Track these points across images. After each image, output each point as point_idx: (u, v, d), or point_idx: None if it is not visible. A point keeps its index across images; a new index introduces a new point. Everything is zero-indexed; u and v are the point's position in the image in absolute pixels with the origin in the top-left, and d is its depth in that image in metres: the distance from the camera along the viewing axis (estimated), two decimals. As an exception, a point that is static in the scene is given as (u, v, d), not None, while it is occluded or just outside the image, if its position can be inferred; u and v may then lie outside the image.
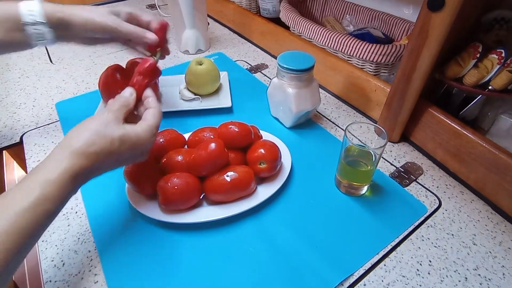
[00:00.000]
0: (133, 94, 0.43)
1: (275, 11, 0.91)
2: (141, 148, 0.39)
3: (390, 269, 0.43)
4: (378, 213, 0.49)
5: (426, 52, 0.48)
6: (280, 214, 0.48)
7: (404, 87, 0.53)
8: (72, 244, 0.45)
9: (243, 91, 0.73)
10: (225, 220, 0.46)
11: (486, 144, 0.48)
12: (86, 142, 0.35)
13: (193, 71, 0.66)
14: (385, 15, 0.78)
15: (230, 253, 0.43)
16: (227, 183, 0.46)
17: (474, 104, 0.57)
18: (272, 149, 0.50)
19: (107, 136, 0.36)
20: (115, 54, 0.88)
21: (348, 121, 0.67)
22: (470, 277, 0.42)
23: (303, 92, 0.58)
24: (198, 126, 0.55)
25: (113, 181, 0.52)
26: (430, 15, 0.45)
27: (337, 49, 0.69)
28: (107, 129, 0.36)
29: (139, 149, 0.39)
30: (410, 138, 0.61)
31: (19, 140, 0.61)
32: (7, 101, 0.71)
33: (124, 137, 0.37)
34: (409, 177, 0.55)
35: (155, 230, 0.46)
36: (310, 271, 0.42)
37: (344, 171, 0.50)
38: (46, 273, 0.41)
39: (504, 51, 0.50)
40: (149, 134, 0.40)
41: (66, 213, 0.48)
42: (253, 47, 0.93)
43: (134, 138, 0.38)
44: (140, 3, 1.20)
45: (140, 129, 0.39)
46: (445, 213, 0.50)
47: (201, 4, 0.82)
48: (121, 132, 0.37)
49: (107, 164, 0.38)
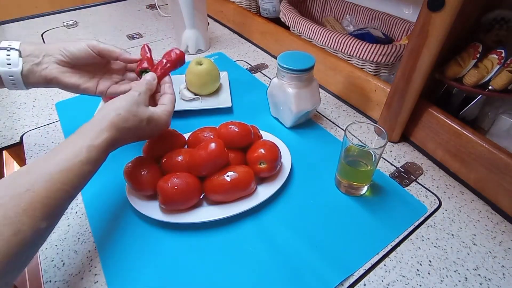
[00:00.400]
0: (155, 79, 0.48)
1: (275, 11, 0.91)
2: (159, 127, 0.45)
3: (390, 269, 0.43)
4: (378, 213, 0.49)
5: (426, 52, 0.48)
6: (280, 214, 0.48)
7: (404, 87, 0.53)
8: (72, 244, 0.45)
9: (243, 91, 0.73)
10: (225, 220, 0.46)
11: (486, 144, 0.48)
12: (123, 117, 0.40)
13: (193, 71, 0.66)
14: (385, 15, 0.78)
15: (230, 253, 0.43)
16: (227, 183, 0.46)
17: (474, 104, 0.57)
18: (272, 149, 0.50)
19: (138, 116, 0.42)
20: (115, 54, 0.88)
21: (348, 121, 0.67)
22: (470, 277, 0.42)
23: (303, 92, 0.58)
24: (198, 126, 0.55)
25: (113, 181, 0.52)
26: (430, 15, 0.45)
27: (337, 49, 0.69)
28: (139, 110, 0.42)
29: (157, 128, 0.45)
30: (410, 138, 0.61)
31: (19, 140, 0.61)
32: (7, 101, 0.71)
33: (150, 118, 0.43)
34: (409, 177, 0.55)
35: (155, 230, 0.46)
36: (310, 271, 0.42)
37: (344, 171, 0.50)
38: (46, 273, 0.41)
39: (504, 51, 0.50)
40: (167, 117, 0.46)
41: (66, 213, 0.48)
42: (253, 47, 0.93)
43: (156, 119, 0.44)
44: (140, 3, 1.20)
45: (161, 112, 0.45)
46: (445, 213, 0.50)
47: (201, 4, 0.82)
48: (149, 113, 0.43)
49: (132, 137, 0.43)
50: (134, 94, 0.43)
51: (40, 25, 1.02)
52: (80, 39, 0.52)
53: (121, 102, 0.42)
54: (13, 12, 1.18)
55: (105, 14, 1.12)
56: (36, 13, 1.09)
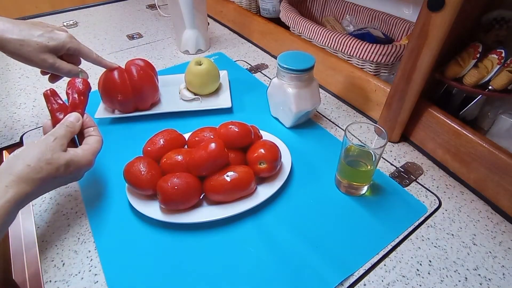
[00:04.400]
0: (79, 120, 0.44)
1: (275, 11, 0.91)
2: (82, 169, 0.42)
3: (390, 269, 0.43)
4: (378, 213, 0.49)
5: (426, 52, 0.48)
6: (280, 214, 0.48)
7: (404, 87, 0.53)
8: (72, 244, 0.45)
9: (243, 91, 0.73)
10: (225, 220, 0.46)
11: (486, 144, 0.48)
12: (34, 168, 0.36)
13: (193, 71, 0.66)
14: (385, 15, 0.78)
15: (230, 253, 0.43)
16: (227, 183, 0.46)
17: (474, 104, 0.57)
18: (272, 149, 0.50)
19: (54, 163, 0.37)
20: (115, 54, 0.88)
21: (348, 121, 0.67)
22: (470, 277, 0.42)
23: (303, 92, 0.58)
24: (198, 126, 0.55)
25: (113, 181, 0.52)
26: (430, 15, 0.45)
27: (337, 49, 0.69)
28: (53, 156, 0.38)
29: (80, 171, 0.42)
30: (410, 138, 0.61)
31: (19, 140, 0.61)
32: (7, 101, 0.71)
33: (69, 163, 0.39)
34: (409, 177, 0.55)
35: (155, 230, 0.46)
36: (310, 271, 0.42)
37: (344, 171, 0.50)
38: (46, 273, 0.41)
39: (504, 51, 0.50)
40: (91, 155, 0.42)
41: (66, 213, 0.48)
42: (253, 47, 0.93)
43: (77, 162, 0.40)
44: (140, 3, 1.20)
45: (82, 152, 0.42)
46: (445, 213, 0.50)
47: (201, 4, 0.82)
48: (67, 158, 0.39)
49: (49, 187, 0.40)
50: (48, 140, 0.39)
51: (40, 25, 1.02)
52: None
53: (31, 150, 0.37)
54: (13, 12, 1.18)
55: (105, 14, 1.12)
56: (36, 13, 1.09)
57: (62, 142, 0.40)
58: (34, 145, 0.38)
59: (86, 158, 0.41)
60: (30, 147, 0.37)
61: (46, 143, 0.38)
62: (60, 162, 0.38)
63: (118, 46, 0.92)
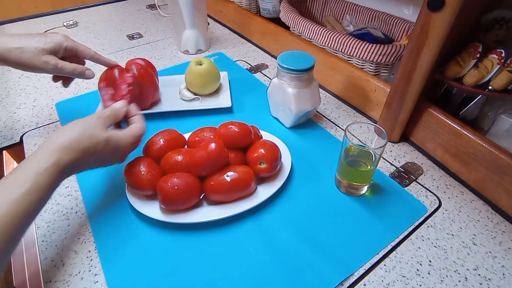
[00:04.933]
0: (124, 107, 0.47)
1: (275, 11, 0.91)
2: (121, 149, 0.44)
3: (390, 269, 0.43)
4: (378, 213, 0.49)
5: (426, 52, 0.48)
6: (280, 214, 0.48)
7: (404, 87, 0.53)
8: (72, 244, 0.45)
9: (243, 91, 0.73)
10: (225, 220, 0.46)
11: (486, 144, 0.48)
12: (75, 139, 0.39)
13: (193, 71, 0.66)
14: (385, 15, 0.78)
15: (230, 253, 0.43)
16: (227, 183, 0.46)
17: (474, 104, 0.57)
18: (272, 149, 0.50)
19: (94, 138, 0.40)
20: (115, 54, 0.88)
21: (348, 121, 0.67)
22: (470, 277, 0.42)
23: (303, 92, 0.58)
24: (198, 126, 0.55)
25: (113, 181, 0.52)
26: (430, 15, 0.45)
27: (337, 49, 0.69)
28: (95, 132, 0.41)
29: (119, 152, 0.44)
30: (410, 138, 0.61)
31: (19, 140, 0.61)
32: (7, 101, 0.71)
33: (109, 139, 0.42)
34: (409, 177, 0.55)
35: (155, 230, 0.46)
36: (310, 271, 0.42)
37: (344, 171, 0.50)
38: (46, 273, 0.41)
39: (504, 51, 0.50)
40: (131, 140, 0.44)
41: (66, 213, 0.48)
42: (253, 47, 0.93)
43: (117, 140, 0.43)
44: (140, 3, 1.20)
45: (123, 135, 0.44)
46: (445, 213, 0.50)
47: (201, 4, 0.82)
48: (107, 135, 0.42)
49: (90, 162, 0.42)
50: (93, 117, 0.42)
51: (40, 25, 1.02)
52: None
53: (76, 125, 0.40)
54: (13, 12, 1.18)
55: (105, 14, 1.12)
56: (36, 13, 1.09)
57: (105, 121, 0.43)
58: (79, 121, 0.41)
59: (125, 139, 0.44)
60: (76, 122, 0.41)
61: (90, 120, 0.42)
62: (100, 138, 0.41)
63: (118, 46, 0.92)
